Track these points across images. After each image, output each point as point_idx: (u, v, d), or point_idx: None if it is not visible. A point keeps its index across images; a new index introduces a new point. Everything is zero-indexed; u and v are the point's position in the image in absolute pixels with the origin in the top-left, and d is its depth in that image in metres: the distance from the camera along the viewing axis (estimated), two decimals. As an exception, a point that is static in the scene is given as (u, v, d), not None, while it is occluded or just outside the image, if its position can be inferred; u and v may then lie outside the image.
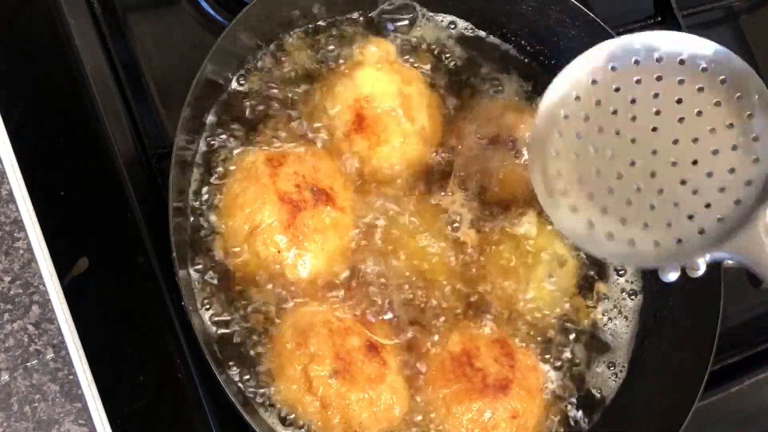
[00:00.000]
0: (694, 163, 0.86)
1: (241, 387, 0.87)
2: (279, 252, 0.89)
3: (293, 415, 0.87)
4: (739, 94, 0.87)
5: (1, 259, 0.86)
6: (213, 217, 0.91)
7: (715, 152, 0.86)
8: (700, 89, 0.88)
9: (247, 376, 0.87)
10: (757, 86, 0.87)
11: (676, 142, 0.87)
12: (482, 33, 1.08)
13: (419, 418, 0.90)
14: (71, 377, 0.85)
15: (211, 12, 1.09)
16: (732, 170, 0.86)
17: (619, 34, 1.04)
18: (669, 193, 0.87)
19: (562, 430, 0.96)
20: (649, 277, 1.03)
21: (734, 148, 0.86)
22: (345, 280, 0.93)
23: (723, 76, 0.87)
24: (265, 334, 0.89)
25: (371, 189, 0.98)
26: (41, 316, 0.85)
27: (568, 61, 1.06)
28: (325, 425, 0.86)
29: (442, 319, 0.95)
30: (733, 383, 1.08)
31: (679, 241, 0.86)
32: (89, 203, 0.93)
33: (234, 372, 0.87)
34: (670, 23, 1.23)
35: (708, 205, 0.85)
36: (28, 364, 0.84)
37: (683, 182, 0.86)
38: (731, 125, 0.86)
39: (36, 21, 0.97)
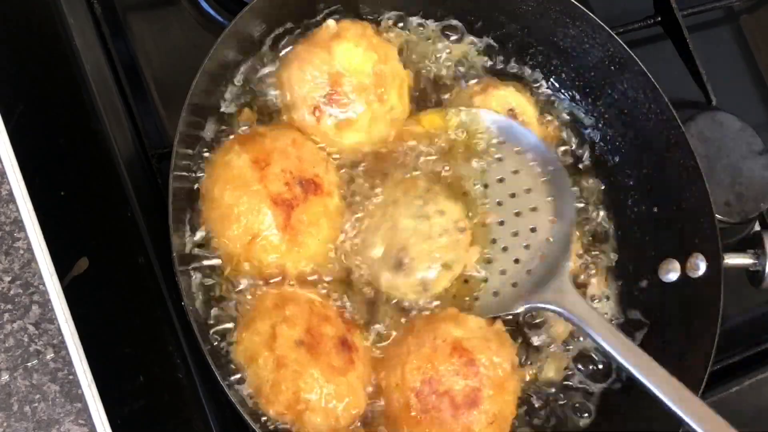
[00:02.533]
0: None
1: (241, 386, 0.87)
2: (279, 255, 0.90)
3: (240, 375, 0.85)
4: (533, 162, 1.00)
5: (1, 259, 0.86)
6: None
7: (518, 214, 0.98)
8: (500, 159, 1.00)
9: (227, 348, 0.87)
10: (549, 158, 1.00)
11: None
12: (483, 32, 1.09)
13: None
14: (71, 377, 0.85)
15: (211, 12, 1.09)
16: (533, 229, 0.97)
17: (619, 34, 1.04)
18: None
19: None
20: (650, 278, 1.03)
21: (534, 209, 0.98)
22: (336, 273, 0.93)
23: (518, 148, 1.00)
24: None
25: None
26: (41, 316, 0.85)
27: (568, 61, 1.07)
28: (273, 388, 0.84)
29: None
30: (733, 383, 1.08)
31: (496, 293, 0.96)
32: (89, 203, 0.93)
33: (234, 371, 0.87)
34: (670, 23, 1.23)
35: (517, 261, 0.96)
36: (28, 364, 0.84)
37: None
38: (529, 190, 0.99)
39: (36, 21, 0.97)
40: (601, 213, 1.07)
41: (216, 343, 0.87)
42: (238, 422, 0.83)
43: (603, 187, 1.07)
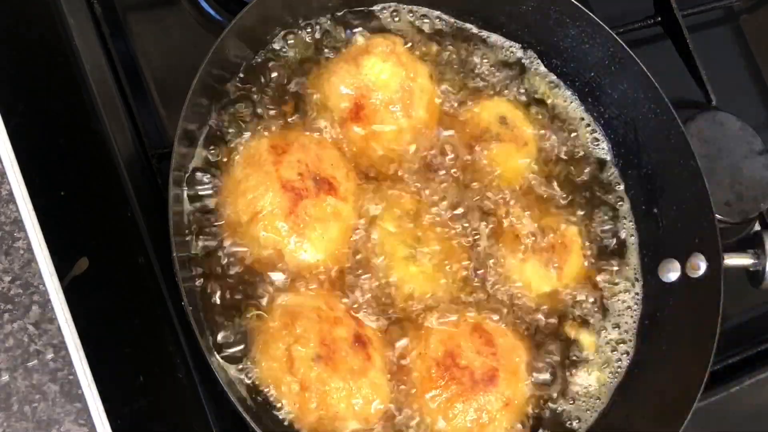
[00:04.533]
0: None
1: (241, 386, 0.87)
2: (281, 239, 0.90)
3: (272, 395, 0.86)
4: None
5: (1, 259, 0.86)
6: (212, 206, 0.92)
7: None
8: None
9: (247, 374, 0.87)
10: None
11: None
12: (484, 33, 1.09)
13: (400, 418, 0.90)
14: (71, 377, 0.85)
15: (211, 12, 1.09)
16: None
17: (619, 34, 1.04)
18: None
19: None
20: (650, 278, 1.03)
21: None
22: (343, 270, 0.93)
23: None
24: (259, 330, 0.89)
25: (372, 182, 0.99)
26: (41, 316, 0.85)
27: (568, 63, 1.07)
28: (302, 408, 0.85)
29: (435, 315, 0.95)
30: (733, 383, 1.08)
31: None
32: (89, 203, 0.93)
33: (234, 372, 0.87)
34: (670, 23, 1.23)
35: None
36: (28, 364, 0.84)
37: None
38: None
39: (36, 21, 0.97)
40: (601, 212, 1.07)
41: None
42: (238, 422, 0.83)
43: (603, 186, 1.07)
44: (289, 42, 1.01)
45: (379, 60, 0.98)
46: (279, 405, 0.86)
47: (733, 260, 1.01)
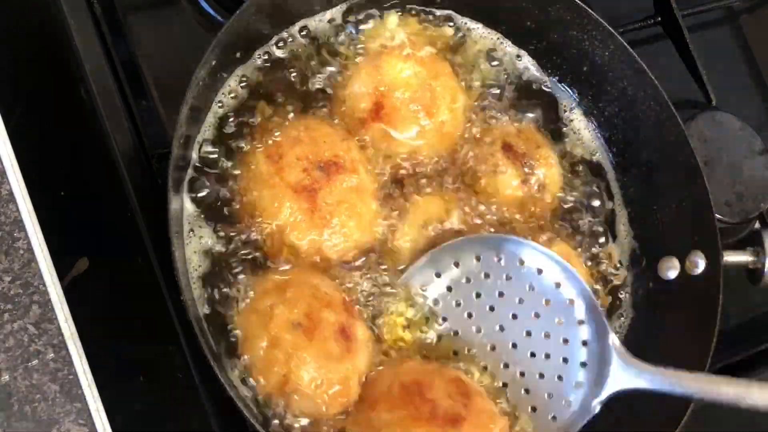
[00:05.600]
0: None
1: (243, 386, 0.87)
2: (313, 238, 0.91)
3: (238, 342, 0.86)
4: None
5: (1, 259, 0.86)
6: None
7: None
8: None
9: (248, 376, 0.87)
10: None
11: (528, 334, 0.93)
12: (483, 32, 1.09)
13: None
14: (71, 377, 0.85)
15: (211, 12, 1.09)
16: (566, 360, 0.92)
17: (620, 33, 1.04)
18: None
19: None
20: (649, 276, 1.03)
21: (565, 342, 0.92)
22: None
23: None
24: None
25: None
26: (41, 316, 0.85)
27: (568, 62, 1.07)
28: (264, 368, 0.85)
29: None
30: (733, 383, 1.08)
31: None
32: (89, 203, 0.93)
33: (235, 372, 0.87)
34: (670, 23, 1.23)
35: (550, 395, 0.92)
36: (28, 364, 0.84)
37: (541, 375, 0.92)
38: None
39: (36, 21, 0.97)
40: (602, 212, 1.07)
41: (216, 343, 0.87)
42: (238, 422, 0.83)
43: (603, 186, 1.07)
44: (289, 42, 1.01)
45: (401, 59, 0.98)
46: (240, 354, 0.86)
47: (732, 258, 1.01)
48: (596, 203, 1.06)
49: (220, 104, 0.96)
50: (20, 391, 0.84)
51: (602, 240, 1.04)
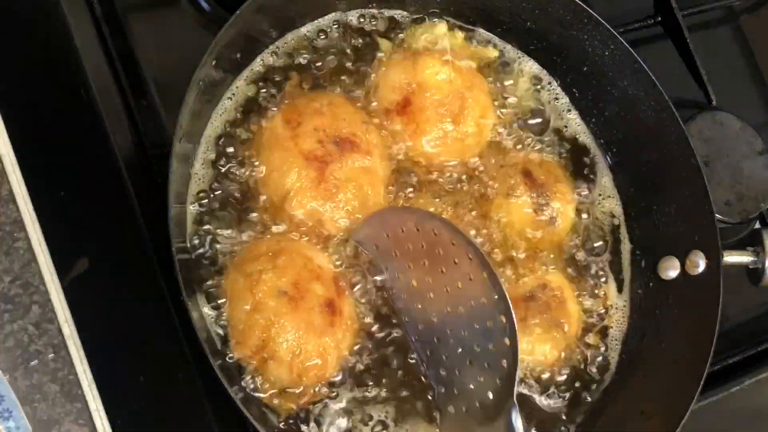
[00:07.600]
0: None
1: (243, 386, 0.87)
2: (314, 209, 0.91)
3: (224, 305, 0.88)
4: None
5: (1, 259, 0.86)
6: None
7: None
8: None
9: (249, 376, 0.87)
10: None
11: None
12: (483, 31, 1.09)
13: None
14: (71, 377, 0.84)
15: (211, 12, 1.09)
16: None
17: (621, 33, 1.04)
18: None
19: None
20: (649, 276, 1.03)
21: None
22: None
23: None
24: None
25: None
26: (41, 316, 0.85)
27: (568, 62, 1.07)
28: (244, 330, 0.86)
29: None
30: (733, 383, 1.08)
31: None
32: (89, 203, 0.93)
33: (235, 372, 0.87)
34: (670, 23, 1.23)
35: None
36: (28, 364, 0.84)
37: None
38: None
39: (36, 21, 0.97)
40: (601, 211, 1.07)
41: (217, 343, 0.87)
42: (239, 422, 0.83)
43: (602, 185, 1.07)
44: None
45: (438, 62, 0.99)
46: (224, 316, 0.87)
47: (732, 257, 1.02)
48: (598, 244, 1.06)
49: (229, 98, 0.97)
50: (20, 391, 0.84)
51: (603, 280, 1.05)
